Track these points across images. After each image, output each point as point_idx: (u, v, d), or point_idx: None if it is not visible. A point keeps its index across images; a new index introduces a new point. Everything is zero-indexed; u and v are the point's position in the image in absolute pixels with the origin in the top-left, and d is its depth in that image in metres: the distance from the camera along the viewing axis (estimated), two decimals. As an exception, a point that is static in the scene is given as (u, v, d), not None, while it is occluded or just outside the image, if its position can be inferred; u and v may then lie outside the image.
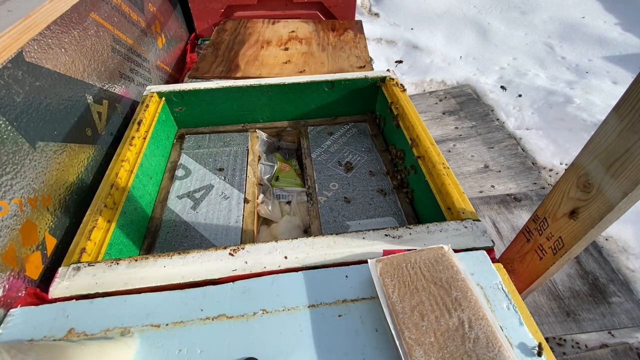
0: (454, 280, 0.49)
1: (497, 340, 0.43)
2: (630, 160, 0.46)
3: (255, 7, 1.66)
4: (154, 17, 1.30)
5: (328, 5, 1.65)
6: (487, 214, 1.51)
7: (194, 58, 1.53)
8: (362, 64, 1.24)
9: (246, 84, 1.03)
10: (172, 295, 0.53)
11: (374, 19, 3.13)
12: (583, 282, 1.26)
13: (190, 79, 1.19)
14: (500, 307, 0.50)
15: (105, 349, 0.44)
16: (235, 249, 0.59)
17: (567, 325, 1.15)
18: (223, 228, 0.83)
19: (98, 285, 0.55)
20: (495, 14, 3.04)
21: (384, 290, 0.49)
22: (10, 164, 0.55)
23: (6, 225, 0.53)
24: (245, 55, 1.30)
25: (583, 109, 1.96)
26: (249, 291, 0.53)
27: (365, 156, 1.02)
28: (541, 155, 1.79)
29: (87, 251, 0.61)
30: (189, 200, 0.89)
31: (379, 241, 0.60)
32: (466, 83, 2.33)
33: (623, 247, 1.37)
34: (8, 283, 0.53)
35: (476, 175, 1.71)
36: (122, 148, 0.83)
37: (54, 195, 0.65)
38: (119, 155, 0.81)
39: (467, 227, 0.62)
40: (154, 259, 0.58)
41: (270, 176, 1.01)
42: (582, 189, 0.55)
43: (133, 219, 0.78)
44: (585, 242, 0.57)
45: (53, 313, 0.51)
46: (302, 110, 1.12)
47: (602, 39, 2.59)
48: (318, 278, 0.54)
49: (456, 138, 1.92)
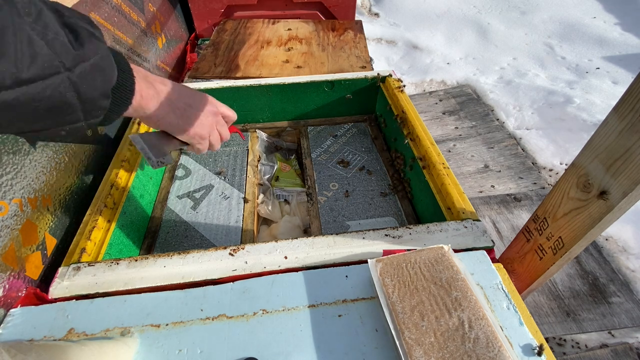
0: (454, 280, 0.49)
1: (497, 340, 0.43)
2: (630, 160, 0.46)
3: (255, 7, 1.66)
4: (154, 17, 1.30)
5: (328, 5, 1.65)
6: (487, 214, 1.51)
7: (194, 58, 1.53)
8: (363, 64, 1.24)
9: (246, 84, 1.03)
10: (172, 295, 0.53)
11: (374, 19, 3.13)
12: (583, 282, 1.26)
13: (190, 79, 1.19)
14: (500, 307, 0.50)
15: (105, 349, 0.44)
16: (235, 249, 0.59)
17: (567, 325, 1.15)
18: (223, 228, 0.83)
19: (98, 285, 0.55)
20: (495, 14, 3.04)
21: (384, 290, 0.49)
22: (10, 164, 0.55)
23: (6, 225, 0.53)
24: (245, 55, 1.30)
25: (583, 109, 1.96)
26: (249, 291, 0.53)
27: (365, 156, 1.02)
28: (541, 155, 1.79)
29: (87, 251, 0.61)
30: (189, 200, 0.90)
31: (379, 241, 0.60)
32: (466, 83, 2.33)
33: (623, 247, 1.37)
34: (8, 283, 0.53)
35: (476, 175, 1.71)
36: (122, 148, 0.83)
37: (54, 195, 0.65)
38: (118, 156, 0.81)
39: (467, 227, 0.62)
40: (154, 259, 0.58)
41: (270, 176, 1.01)
42: (582, 189, 0.55)
43: (133, 219, 0.78)
44: (585, 242, 0.57)
45: (53, 313, 0.51)
46: (302, 110, 1.13)
47: (602, 39, 2.59)
48: (318, 278, 0.54)
49: (456, 138, 1.92)
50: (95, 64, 0.33)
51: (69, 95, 0.32)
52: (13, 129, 0.32)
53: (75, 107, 0.33)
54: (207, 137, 0.55)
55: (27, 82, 0.29)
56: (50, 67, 0.30)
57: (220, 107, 0.58)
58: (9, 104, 0.28)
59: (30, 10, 0.29)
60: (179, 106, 0.49)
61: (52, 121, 0.33)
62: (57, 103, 0.31)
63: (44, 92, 0.30)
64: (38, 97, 0.30)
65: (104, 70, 0.35)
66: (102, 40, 0.35)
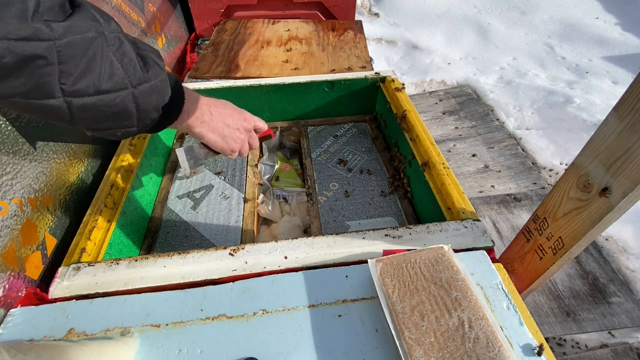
0: (454, 280, 0.49)
1: (497, 340, 0.43)
2: (630, 160, 0.46)
3: (255, 7, 1.66)
4: (154, 17, 1.30)
5: (328, 5, 1.65)
6: (487, 214, 1.51)
7: (194, 58, 1.53)
8: (363, 64, 1.24)
9: (246, 84, 1.03)
10: (172, 295, 0.53)
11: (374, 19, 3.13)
12: (583, 282, 1.26)
13: (190, 79, 1.19)
14: (500, 307, 0.50)
15: (105, 349, 0.44)
16: (235, 249, 0.59)
17: (567, 325, 1.15)
18: (223, 228, 0.83)
19: (98, 285, 0.55)
20: (495, 14, 3.04)
21: (384, 290, 0.49)
22: (10, 164, 0.55)
23: (6, 225, 0.53)
24: (245, 55, 1.30)
25: (583, 109, 1.96)
26: (249, 291, 0.53)
27: (365, 156, 1.02)
28: (541, 155, 1.79)
29: (87, 251, 0.61)
30: (189, 200, 0.90)
31: (379, 241, 0.60)
32: (466, 83, 2.33)
33: (623, 247, 1.37)
34: (8, 283, 0.53)
35: (476, 175, 1.71)
36: (122, 148, 0.83)
37: (54, 195, 0.65)
38: (118, 156, 0.81)
39: (467, 227, 0.62)
40: (154, 259, 0.58)
41: (271, 176, 1.01)
42: (582, 189, 0.55)
43: (133, 219, 0.78)
44: (585, 242, 0.57)
45: (53, 313, 0.51)
46: (302, 110, 1.12)
47: (602, 39, 2.59)
48: (318, 278, 0.54)
49: (456, 138, 1.92)
50: (154, 85, 0.44)
51: (130, 105, 0.42)
52: (85, 124, 0.42)
53: (133, 115, 0.43)
54: (238, 150, 0.65)
55: (104, 92, 0.39)
56: (122, 83, 0.40)
57: (255, 122, 0.68)
58: (89, 106, 0.39)
59: (115, 42, 0.40)
60: (219, 125, 0.59)
61: (114, 123, 0.43)
62: (121, 110, 0.42)
63: (114, 100, 0.40)
64: (109, 104, 0.40)
65: (160, 91, 0.45)
66: (163, 69, 0.46)
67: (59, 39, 0.34)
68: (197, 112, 0.55)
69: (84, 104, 0.38)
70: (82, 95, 0.38)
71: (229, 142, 0.62)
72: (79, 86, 0.37)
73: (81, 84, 0.37)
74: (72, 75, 0.36)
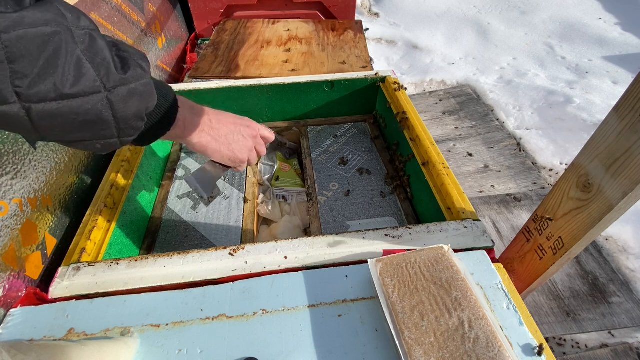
0: (454, 280, 0.49)
1: (497, 340, 0.43)
2: (630, 160, 0.46)
3: (255, 7, 1.66)
4: (154, 17, 1.30)
5: (328, 5, 1.65)
6: (487, 214, 1.51)
7: (194, 58, 1.53)
8: (363, 64, 1.24)
9: (246, 84, 1.03)
10: (172, 295, 0.53)
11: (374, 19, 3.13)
12: (583, 282, 1.26)
13: (190, 79, 1.19)
14: (500, 307, 0.50)
15: (105, 349, 0.44)
16: (235, 249, 0.59)
17: (567, 325, 1.15)
18: (223, 228, 0.83)
19: (98, 285, 0.55)
20: (495, 14, 3.04)
21: (384, 290, 0.49)
22: (10, 164, 0.55)
23: (6, 225, 0.53)
24: (245, 55, 1.30)
25: (583, 109, 1.96)
26: (249, 291, 0.53)
27: (366, 156, 1.02)
28: (541, 155, 1.79)
29: (87, 251, 0.61)
30: (189, 200, 0.90)
31: (379, 241, 0.60)
32: (466, 83, 2.33)
33: (623, 247, 1.37)
34: (8, 283, 0.53)
35: (476, 175, 1.71)
36: (122, 148, 0.83)
37: (54, 195, 0.65)
38: (118, 156, 0.81)
39: (467, 227, 0.62)
40: (154, 259, 0.58)
41: (270, 176, 1.01)
42: (582, 189, 0.55)
43: (133, 219, 0.78)
44: (585, 242, 0.57)
45: (53, 313, 0.51)
46: (302, 110, 1.12)
47: (602, 39, 2.59)
48: (318, 278, 0.54)
49: (456, 138, 1.92)
50: (134, 89, 0.38)
51: (105, 112, 0.36)
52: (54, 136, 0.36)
53: (110, 123, 0.37)
54: (247, 158, 0.60)
55: (70, 96, 0.33)
56: (92, 86, 0.35)
57: (260, 130, 0.63)
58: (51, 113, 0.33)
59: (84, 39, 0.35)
60: (221, 134, 0.55)
61: (88, 133, 0.37)
62: (94, 118, 0.36)
63: (83, 106, 0.34)
64: (77, 111, 0.34)
65: (142, 95, 0.39)
66: (147, 71, 0.41)
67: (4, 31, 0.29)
68: (194, 120, 0.51)
69: (45, 110, 0.32)
70: (43, 100, 0.32)
71: (236, 151, 0.57)
72: (37, 89, 0.31)
73: (41, 86, 0.32)
74: (27, 76, 0.31)
